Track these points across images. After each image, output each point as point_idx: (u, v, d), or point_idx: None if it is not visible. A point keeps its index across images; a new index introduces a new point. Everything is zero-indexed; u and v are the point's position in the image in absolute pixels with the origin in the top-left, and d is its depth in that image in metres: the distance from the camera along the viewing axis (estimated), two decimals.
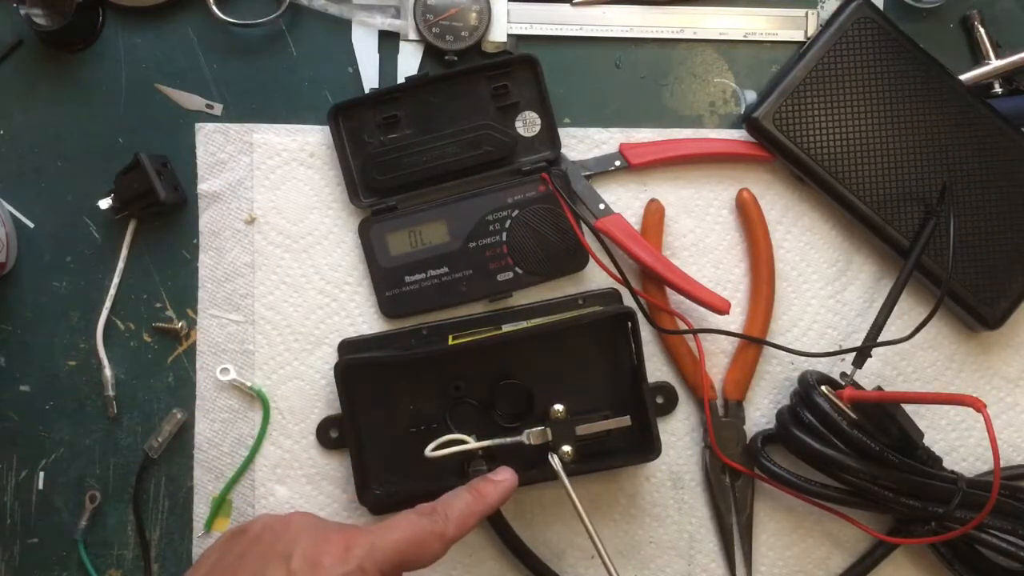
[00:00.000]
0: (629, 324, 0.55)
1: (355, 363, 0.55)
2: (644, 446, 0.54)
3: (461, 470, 0.54)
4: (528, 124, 0.58)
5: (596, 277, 0.59)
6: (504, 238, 0.57)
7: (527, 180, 0.58)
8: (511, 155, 0.58)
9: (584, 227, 0.57)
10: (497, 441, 0.53)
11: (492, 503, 0.49)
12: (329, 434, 0.57)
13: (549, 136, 0.58)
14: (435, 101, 0.58)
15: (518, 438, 0.53)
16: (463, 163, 0.57)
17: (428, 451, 0.51)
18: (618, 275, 0.54)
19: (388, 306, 0.58)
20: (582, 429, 0.53)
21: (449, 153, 0.57)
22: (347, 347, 0.58)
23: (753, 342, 0.58)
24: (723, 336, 0.59)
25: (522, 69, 0.58)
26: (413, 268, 0.57)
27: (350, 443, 0.55)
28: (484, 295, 0.58)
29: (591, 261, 0.57)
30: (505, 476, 0.51)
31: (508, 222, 0.57)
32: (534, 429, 0.53)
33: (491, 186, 0.58)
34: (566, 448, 0.53)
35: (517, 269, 0.58)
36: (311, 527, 0.45)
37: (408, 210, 0.58)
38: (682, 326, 0.58)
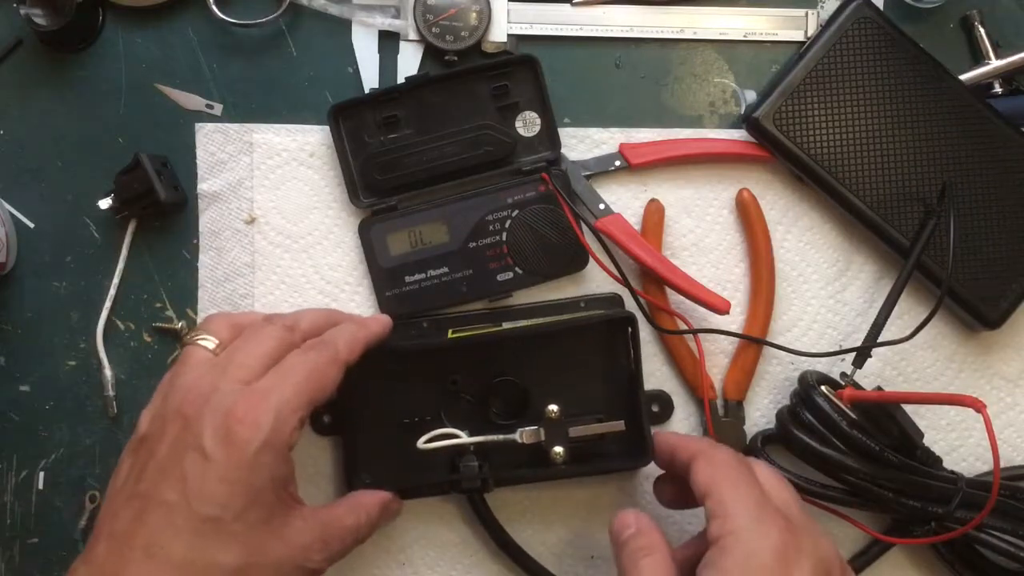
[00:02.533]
0: (629, 329, 0.55)
1: None
2: (637, 451, 0.54)
3: (452, 464, 0.54)
4: (528, 124, 0.58)
5: (597, 278, 0.58)
6: (504, 238, 0.57)
7: (527, 180, 0.57)
8: (511, 155, 0.58)
9: (584, 227, 0.57)
10: (490, 438, 0.53)
11: (375, 330, 0.53)
12: (323, 419, 0.57)
13: (549, 136, 0.58)
14: (435, 101, 0.58)
15: (511, 436, 0.53)
16: (463, 163, 0.57)
17: (420, 443, 0.51)
18: (618, 275, 0.54)
19: (388, 306, 0.58)
20: (575, 431, 0.53)
21: (449, 153, 0.57)
22: None
23: (753, 342, 0.58)
24: (723, 336, 0.59)
25: (522, 69, 0.57)
26: (413, 268, 0.57)
27: (343, 429, 0.55)
28: (484, 295, 0.58)
29: (591, 261, 0.57)
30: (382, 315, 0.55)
31: (508, 222, 0.57)
32: (527, 428, 0.53)
33: (491, 186, 0.58)
34: (558, 449, 0.53)
35: (517, 269, 0.58)
36: (209, 402, 0.45)
37: (408, 210, 0.58)
38: (682, 326, 0.58)
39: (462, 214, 0.57)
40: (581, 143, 0.59)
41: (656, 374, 0.59)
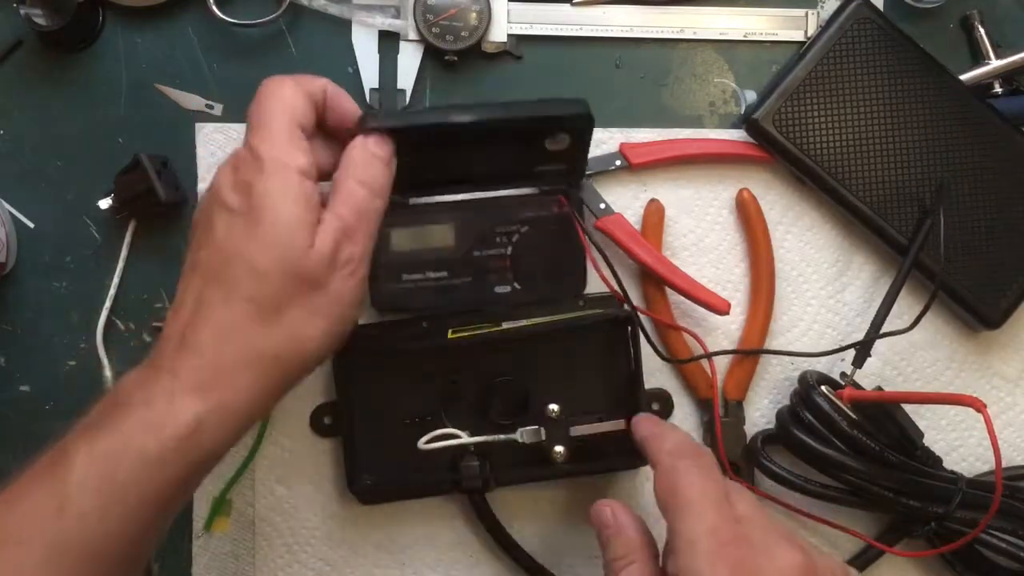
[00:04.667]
0: (629, 328, 0.55)
1: (353, 348, 0.55)
2: (638, 451, 0.54)
3: (452, 464, 0.54)
4: (557, 140, 0.55)
5: (596, 278, 0.58)
6: (508, 252, 0.56)
7: (542, 198, 0.56)
8: (534, 166, 0.54)
9: (597, 255, 0.55)
10: (490, 438, 0.53)
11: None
12: (323, 420, 0.57)
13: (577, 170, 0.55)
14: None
15: (511, 436, 0.53)
16: (481, 170, 0.54)
17: (421, 443, 0.51)
18: (626, 299, 0.54)
19: (381, 300, 0.56)
20: (576, 430, 0.53)
21: (469, 160, 0.53)
22: None
23: (764, 353, 0.58)
24: (724, 337, 0.59)
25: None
26: (413, 267, 0.56)
27: (343, 430, 0.55)
28: (479, 305, 0.56)
29: (587, 285, 0.56)
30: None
31: (515, 236, 0.56)
32: (528, 428, 0.53)
33: (505, 198, 0.56)
34: (559, 448, 0.53)
35: (516, 284, 0.56)
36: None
37: (418, 208, 0.56)
38: (688, 337, 0.58)
39: (471, 221, 0.56)
40: None
41: (656, 373, 0.59)
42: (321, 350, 0.44)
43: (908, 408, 0.54)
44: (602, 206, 0.58)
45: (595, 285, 0.59)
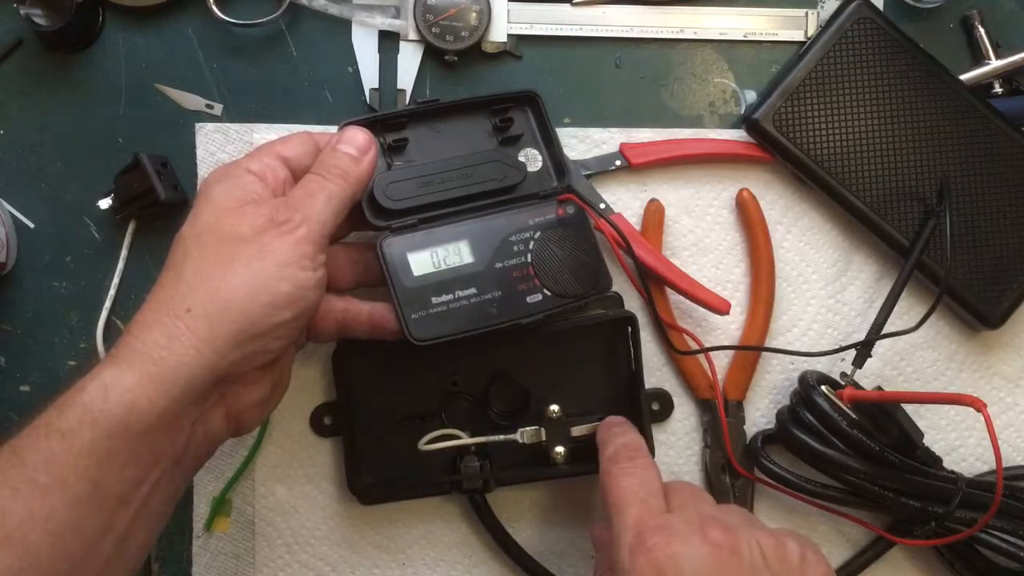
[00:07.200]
0: (629, 328, 0.55)
1: (352, 348, 0.55)
2: None
3: (453, 464, 0.54)
4: (530, 160, 0.56)
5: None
6: (530, 259, 0.54)
7: (545, 203, 0.55)
8: (521, 184, 0.55)
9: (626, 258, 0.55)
10: (491, 438, 0.53)
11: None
12: (323, 421, 0.57)
13: (555, 169, 0.56)
14: (442, 128, 0.55)
15: (512, 436, 0.53)
16: (474, 190, 0.54)
17: (421, 444, 0.51)
18: (647, 297, 0.54)
19: (418, 329, 0.51)
20: (576, 431, 0.53)
21: (459, 182, 0.54)
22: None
23: (764, 351, 0.58)
24: (724, 337, 0.59)
25: (523, 105, 0.55)
26: (439, 288, 0.52)
27: (343, 430, 0.55)
28: (515, 317, 0.53)
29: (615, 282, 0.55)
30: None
31: (532, 243, 0.54)
32: (528, 428, 0.53)
33: (510, 207, 0.54)
34: (559, 449, 0.53)
35: (545, 291, 0.54)
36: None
37: (428, 231, 0.53)
38: (687, 338, 0.58)
39: (482, 235, 0.53)
40: (581, 143, 0.59)
41: (656, 373, 0.59)
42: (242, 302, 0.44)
43: (908, 408, 0.54)
44: (602, 206, 0.58)
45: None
